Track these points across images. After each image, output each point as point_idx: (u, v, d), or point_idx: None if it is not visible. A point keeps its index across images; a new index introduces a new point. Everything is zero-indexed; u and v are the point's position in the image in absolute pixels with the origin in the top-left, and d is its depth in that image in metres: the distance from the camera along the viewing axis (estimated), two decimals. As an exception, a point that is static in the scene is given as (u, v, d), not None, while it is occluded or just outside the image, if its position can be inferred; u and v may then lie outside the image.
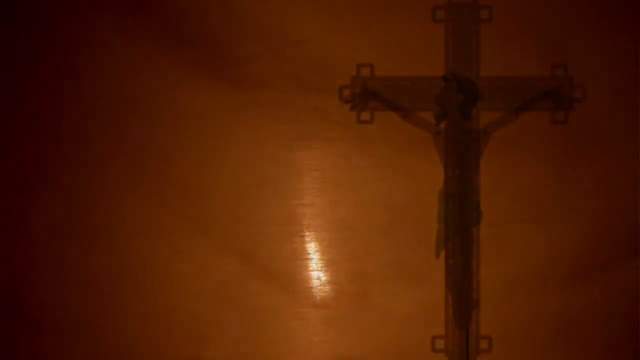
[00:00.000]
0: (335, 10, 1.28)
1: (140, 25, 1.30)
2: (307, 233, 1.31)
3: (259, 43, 1.29)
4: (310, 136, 1.30)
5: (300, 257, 1.31)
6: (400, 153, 1.29)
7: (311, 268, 1.31)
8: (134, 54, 1.30)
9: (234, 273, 1.32)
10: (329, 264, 1.31)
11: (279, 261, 1.31)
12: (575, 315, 1.30)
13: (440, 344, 1.28)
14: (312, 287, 1.31)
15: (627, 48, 1.28)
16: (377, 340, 1.31)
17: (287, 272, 1.31)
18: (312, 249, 1.31)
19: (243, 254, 1.32)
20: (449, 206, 1.27)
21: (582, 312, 1.29)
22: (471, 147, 1.27)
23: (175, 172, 1.32)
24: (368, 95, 1.27)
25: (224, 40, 1.30)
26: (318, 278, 1.31)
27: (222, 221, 1.32)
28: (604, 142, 1.30)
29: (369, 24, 1.29)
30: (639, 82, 1.28)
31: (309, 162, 1.30)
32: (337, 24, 1.28)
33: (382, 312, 1.31)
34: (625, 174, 1.29)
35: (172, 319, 1.32)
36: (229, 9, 1.29)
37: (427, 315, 1.29)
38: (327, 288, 1.31)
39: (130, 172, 1.32)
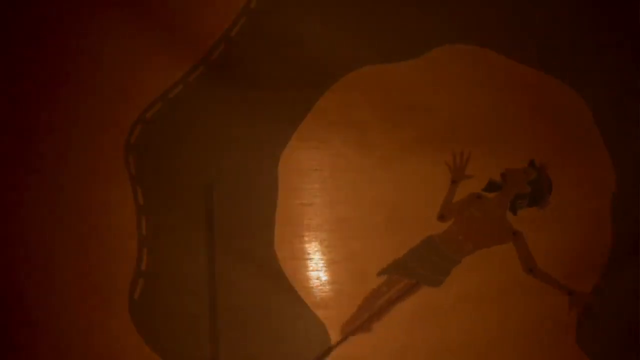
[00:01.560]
0: (335, 10, 1.29)
1: (139, 25, 1.30)
2: (307, 233, 1.31)
3: (259, 43, 1.29)
4: (310, 136, 1.30)
5: (300, 257, 1.31)
6: (400, 153, 1.29)
7: (311, 268, 1.31)
8: (133, 53, 1.30)
9: (234, 273, 1.32)
10: (329, 264, 1.31)
11: (279, 261, 1.31)
12: (576, 315, 1.30)
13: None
14: (312, 287, 1.31)
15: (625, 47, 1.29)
16: (377, 340, 1.31)
17: (287, 272, 1.31)
18: (312, 249, 1.31)
19: (243, 254, 1.32)
20: None
21: (582, 312, 1.29)
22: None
23: (174, 171, 1.32)
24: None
25: (224, 40, 1.30)
26: (318, 278, 1.31)
27: (221, 221, 1.32)
28: (604, 143, 1.30)
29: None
30: (637, 82, 1.28)
31: (309, 162, 1.30)
32: (338, 23, 1.29)
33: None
34: (625, 174, 1.29)
35: (171, 319, 1.32)
36: (229, 9, 1.30)
37: (426, 314, 1.29)
38: (327, 288, 1.31)
39: (130, 172, 1.32)
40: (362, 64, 1.30)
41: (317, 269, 1.31)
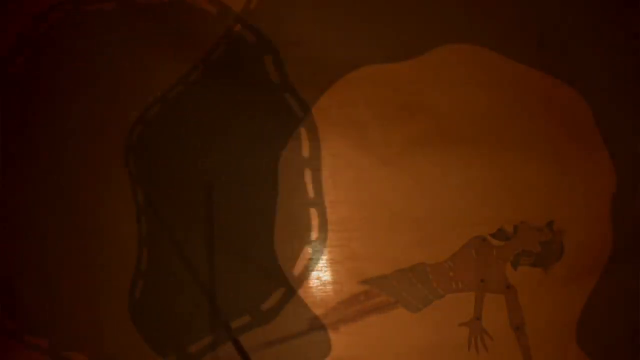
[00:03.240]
0: (335, 10, 1.29)
1: (138, 25, 1.31)
2: (307, 233, 1.31)
3: (259, 43, 1.29)
4: (310, 136, 1.30)
5: (300, 257, 1.31)
6: (400, 153, 1.30)
7: (311, 268, 1.31)
8: (133, 53, 1.31)
9: (234, 273, 1.32)
10: (329, 264, 1.31)
11: (279, 261, 1.31)
12: (575, 316, 1.30)
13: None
14: (312, 287, 1.31)
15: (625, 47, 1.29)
16: (376, 340, 1.31)
17: (287, 272, 1.31)
18: (312, 249, 1.31)
19: (243, 254, 1.32)
20: None
21: (582, 312, 1.29)
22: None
23: (174, 171, 1.32)
24: None
25: (224, 40, 1.30)
26: (318, 278, 1.31)
27: (221, 221, 1.32)
28: (604, 143, 1.30)
29: None
30: (638, 82, 1.29)
31: (309, 162, 1.30)
32: (338, 23, 1.29)
33: (382, 312, 1.31)
34: (625, 174, 1.29)
35: (171, 318, 1.32)
36: (228, 9, 1.30)
37: (427, 314, 1.30)
38: (327, 288, 1.31)
39: (130, 172, 1.32)
40: (362, 64, 1.30)
41: (317, 269, 1.31)
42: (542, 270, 1.27)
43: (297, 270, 1.31)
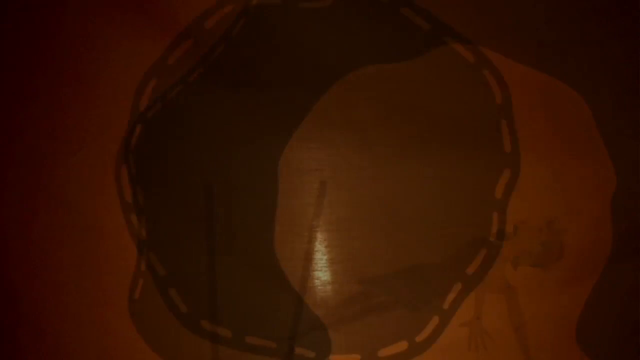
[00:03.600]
0: (335, 9, 1.29)
1: (140, 25, 1.30)
2: (307, 233, 1.31)
3: (259, 43, 1.29)
4: (310, 136, 1.30)
5: (300, 257, 1.31)
6: (401, 153, 1.30)
7: (311, 268, 1.31)
8: (133, 53, 1.31)
9: (234, 273, 1.32)
10: (329, 264, 1.31)
11: (279, 261, 1.31)
12: (575, 316, 1.30)
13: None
14: (312, 287, 1.31)
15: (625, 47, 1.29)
16: (377, 340, 1.31)
17: (287, 272, 1.31)
18: (312, 249, 1.31)
19: (243, 254, 1.32)
20: None
21: (582, 312, 1.29)
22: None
23: (174, 171, 1.32)
24: None
25: (224, 40, 1.30)
26: (318, 278, 1.31)
27: (221, 221, 1.32)
28: (604, 143, 1.30)
29: None
30: (638, 82, 1.29)
31: (309, 162, 1.30)
32: (338, 22, 1.29)
33: (382, 312, 1.31)
34: (625, 174, 1.29)
35: (171, 319, 1.32)
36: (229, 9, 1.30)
37: (427, 315, 1.30)
38: (327, 288, 1.31)
39: (130, 172, 1.32)
40: (362, 64, 1.30)
41: (317, 269, 1.31)
42: (542, 270, 1.27)
43: (297, 270, 1.31)
